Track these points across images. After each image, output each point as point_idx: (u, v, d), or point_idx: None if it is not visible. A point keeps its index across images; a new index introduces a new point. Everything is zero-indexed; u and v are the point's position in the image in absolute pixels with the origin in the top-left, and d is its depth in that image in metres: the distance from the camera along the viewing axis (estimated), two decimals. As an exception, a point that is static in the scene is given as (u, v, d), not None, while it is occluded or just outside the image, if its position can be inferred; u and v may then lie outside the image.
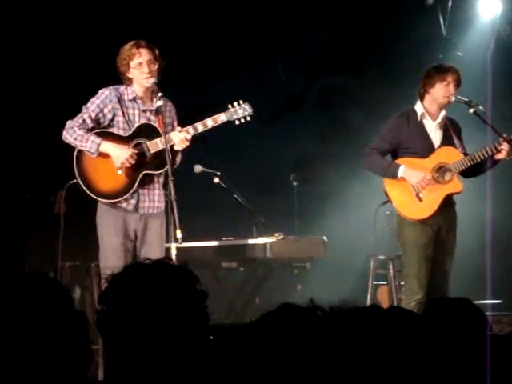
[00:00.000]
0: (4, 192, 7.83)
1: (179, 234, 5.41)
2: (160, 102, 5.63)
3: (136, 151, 5.66)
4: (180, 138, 5.63)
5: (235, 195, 7.24)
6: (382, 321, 2.13)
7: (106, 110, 5.68)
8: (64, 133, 5.67)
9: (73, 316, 2.18)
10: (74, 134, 5.63)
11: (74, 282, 6.88)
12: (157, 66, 5.69)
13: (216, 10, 8.60)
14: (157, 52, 5.71)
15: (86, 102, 5.73)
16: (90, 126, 5.67)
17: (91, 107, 5.68)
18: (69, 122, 5.67)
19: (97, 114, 5.67)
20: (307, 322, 2.04)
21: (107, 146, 5.64)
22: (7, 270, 6.91)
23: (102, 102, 5.68)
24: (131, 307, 2.17)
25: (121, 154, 5.62)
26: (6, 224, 7.74)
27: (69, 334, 2.14)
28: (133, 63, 5.66)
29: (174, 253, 5.40)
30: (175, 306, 2.19)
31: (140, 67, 5.65)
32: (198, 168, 6.99)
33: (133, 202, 5.69)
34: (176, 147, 5.66)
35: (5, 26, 7.80)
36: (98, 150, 5.62)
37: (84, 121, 5.66)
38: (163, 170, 5.68)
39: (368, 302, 7.16)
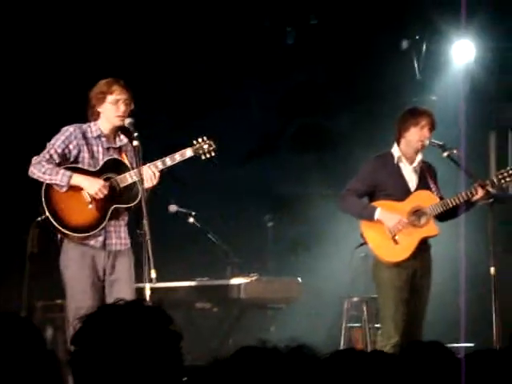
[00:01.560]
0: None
1: (153, 274, 5.37)
2: (136, 143, 5.62)
3: (107, 183, 5.65)
4: (149, 173, 5.63)
5: (210, 235, 7.23)
6: (365, 364, 2.12)
7: (71, 146, 5.64)
8: (31, 168, 5.59)
9: (45, 356, 2.16)
10: (42, 168, 5.57)
11: (46, 321, 6.81)
12: (131, 108, 5.70)
13: (192, 49, 8.65)
14: (131, 93, 5.73)
15: (49, 139, 5.71)
16: (58, 161, 5.63)
17: (56, 143, 5.63)
18: (35, 158, 5.60)
19: (63, 150, 5.62)
20: (267, 366, 2.02)
21: (78, 178, 5.60)
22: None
23: (67, 138, 5.65)
24: (105, 348, 2.15)
25: (93, 185, 5.59)
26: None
27: (40, 375, 2.12)
28: (110, 98, 5.65)
29: (147, 293, 5.36)
30: (149, 348, 2.17)
31: (116, 104, 5.65)
32: (172, 207, 6.99)
33: (100, 238, 5.64)
34: (145, 184, 5.64)
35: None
36: (69, 182, 5.58)
37: (51, 156, 5.60)
38: (134, 204, 5.65)
39: (342, 344, 7.15)
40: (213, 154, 5.86)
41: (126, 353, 2.14)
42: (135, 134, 5.63)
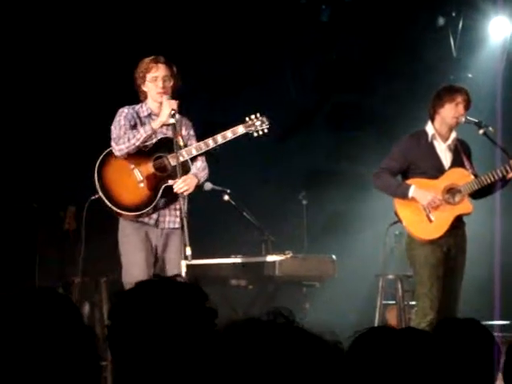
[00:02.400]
0: (15, 207, 7.86)
1: (189, 251, 5.42)
2: (172, 120, 5.66)
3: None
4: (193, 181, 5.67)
5: (245, 213, 7.25)
6: (396, 342, 2.13)
7: (131, 123, 5.73)
8: (117, 148, 5.65)
9: (82, 332, 2.18)
10: (126, 138, 5.65)
11: (83, 297, 6.89)
12: (171, 84, 5.73)
13: (228, 27, 8.66)
14: (174, 70, 5.76)
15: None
16: None
17: (122, 122, 5.71)
18: (112, 142, 5.68)
19: (128, 127, 5.71)
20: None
21: (156, 121, 5.67)
22: (18, 285, 6.93)
23: (125, 117, 5.73)
24: (140, 323, 2.17)
25: (169, 103, 5.63)
26: (17, 239, 7.77)
27: (78, 350, 2.14)
28: (149, 76, 5.72)
29: (183, 270, 5.41)
30: (185, 324, 2.19)
31: (155, 81, 5.71)
32: (208, 185, 7.00)
33: (154, 216, 5.71)
34: (189, 190, 5.67)
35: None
36: (152, 126, 5.63)
37: (125, 132, 5.68)
38: None
39: (376, 322, 7.16)
40: (266, 131, 5.89)
41: (162, 328, 2.16)
42: (172, 112, 5.67)
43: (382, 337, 2.12)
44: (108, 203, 5.66)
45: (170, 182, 5.67)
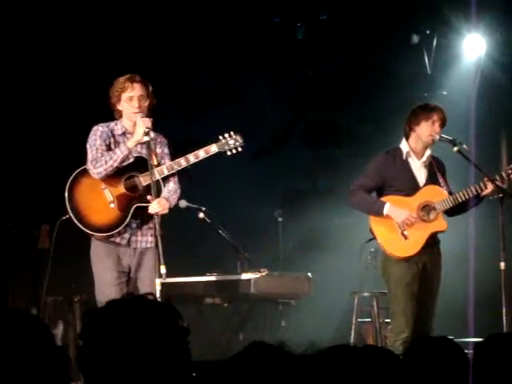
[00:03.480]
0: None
1: (163, 270, 5.39)
2: (147, 138, 5.63)
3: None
4: (163, 203, 5.62)
5: (220, 231, 7.24)
6: (356, 361, 2.12)
7: (106, 143, 5.70)
8: (95, 172, 5.61)
9: (53, 353, 2.16)
10: (103, 160, 5.61)
11: (56, 316, 6.84)
12: (147, 103, 5.70)
13: (203, 45, 8.67)
14: (150, 89, 5.73)
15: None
16: None
17: (97, 142, 5.67)
18: (89, 164, 5.64)
19: (105, 146, 5.68)
20: (276, 362, 2.03)
21: (130, 141, 5.63)
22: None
23: (100, 136, 5.69)
24: (112, 343, 2.16)
25: (143, 122, 5.59)
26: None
27: (49, 371, 2.13)
28: (124, 96, 5.68)
29: (157, 288, 5.38)
30: (157, 343, 2.18)
31: (130, 101, 5.67)
32: (183, 203, 6.99)
33: (126, 236, 5.68)
34: (162, 211, 5.63)
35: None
36: (128, 147, 5.59)
37: (102, 154, 5.64)
38: None
39: (352, 339, 7.16)
40: (240, 149, 5.86)
41: (133, 348, 2.15)
42: (146, 129, 5.64)
43: (341, 356, 2.12)
44: (78, 224, 5.64)
45: (149, 197, 5.62)
